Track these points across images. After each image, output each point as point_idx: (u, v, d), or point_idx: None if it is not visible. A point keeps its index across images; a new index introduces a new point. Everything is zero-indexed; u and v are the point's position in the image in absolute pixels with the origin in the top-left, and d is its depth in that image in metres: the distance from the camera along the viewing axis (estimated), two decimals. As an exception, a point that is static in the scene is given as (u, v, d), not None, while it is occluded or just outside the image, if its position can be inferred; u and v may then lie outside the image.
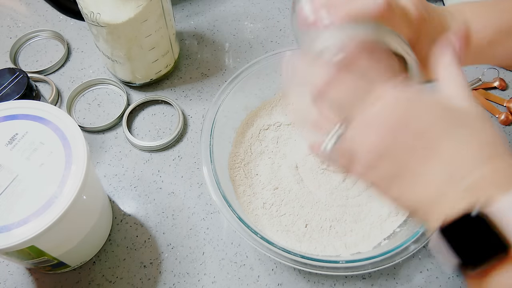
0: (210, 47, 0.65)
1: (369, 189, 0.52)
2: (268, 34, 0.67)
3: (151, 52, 0.55)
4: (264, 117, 0.56)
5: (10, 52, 0.64)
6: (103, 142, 0.57)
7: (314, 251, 0.46)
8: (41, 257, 0.40)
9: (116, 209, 0.52)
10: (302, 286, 0.47)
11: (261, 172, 0.52)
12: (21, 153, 0.39)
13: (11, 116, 0.41)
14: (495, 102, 0.60)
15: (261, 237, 0.43)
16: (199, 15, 0.69)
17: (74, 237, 0.42)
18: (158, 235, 0.50)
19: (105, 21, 0.49)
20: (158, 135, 0.57)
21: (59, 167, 0.38)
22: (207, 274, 0.48)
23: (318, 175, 0.52)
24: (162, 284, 0.47)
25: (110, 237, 0.50)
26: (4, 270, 0.48)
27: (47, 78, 0.61)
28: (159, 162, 0.55)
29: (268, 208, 0.49)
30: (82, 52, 0.65)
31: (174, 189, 0.53)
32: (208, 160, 0.47)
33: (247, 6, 0.71)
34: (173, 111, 0.59)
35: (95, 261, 0.48)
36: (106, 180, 0.54)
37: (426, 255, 0.49)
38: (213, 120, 0.50)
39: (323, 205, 0.50)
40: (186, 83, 0.62)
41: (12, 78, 0.49)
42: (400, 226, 0.48)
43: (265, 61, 0.54)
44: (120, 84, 0.60)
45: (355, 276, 0.48)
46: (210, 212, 0.52)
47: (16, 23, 0.68)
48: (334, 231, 0.48)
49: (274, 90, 0.57)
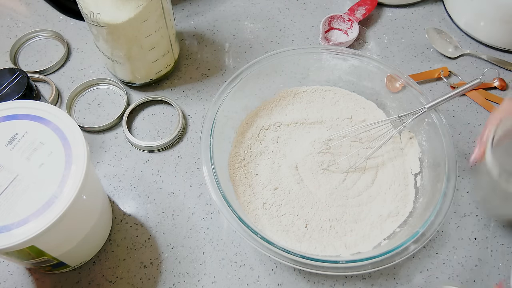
0: (210, 47, 0.66)
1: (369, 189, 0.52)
2: (268, 34, 0.67)
3: (151, 52, 0.55)
4: (264, 117, 0.56)
5: (10, 52, 0.64)
6: (103, 142, 0.57)
7: (314, 251, 0.46)
8: (41, 257, 0.40)
9: (116, 209, 0.52)
10: (302, 286, 0.47)
11: (261, 172, 0.52)
12: (21, 153, 0.39)
13: (11, 116, 0.41)
14: (495, 102, 0.60)
15: (261, 237, 0.43)
16: (199, 15, 0.69)
17: (74, 237, 0.42)
18: (158, 235, 0.50)
19: (105, 21, 0.49)
20: (158, 135, 0.57)
21: (59, 167, 0.38)
22: (207, 274, 0.48)
23: (318, 175, 0.52)
24: (162, 284, 0.47)
25: (110, 237, 0.50)
26: (4, 270, 0.48)
27: (47, 78, 0.61)
28: (159, 162, 0.55)
29: (268, 208, 0.50)
30: (82, 52, 0.65)
31: (174, 189, 0.53)
32: (208, 160, 0.47)
33: (247, 6, 0.71)
34: (173, 111, 0.59)
35: (95, 261, 0.48)
36: (106, 180, 0.54)
37: (426, 255, 0.49)
38: (213, 120, 0.50)
39: (323, 205, 0.50)
40: (186, 83, 0.62)
41: (12, 78, 0.49)
42: (400, 226, 0.48)
43: (265, 61, 0.54)
44: (120, 84, 0.60)
45: (355, 276, 0.48)
46: (210, 212, 0.52)
47: (16, 23, 0.68)
48: (334, 231, 0.48)
49: (274, 90, 0.58)
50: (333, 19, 0.67)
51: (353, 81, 0.57)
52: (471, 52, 0.65)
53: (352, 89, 0.58)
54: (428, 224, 0.43)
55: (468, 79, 0.63)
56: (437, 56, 0.66)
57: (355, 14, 0.67)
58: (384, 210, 0.49)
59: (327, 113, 0.57)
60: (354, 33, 0.65)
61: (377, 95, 0.57)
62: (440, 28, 0.67)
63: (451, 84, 0.62)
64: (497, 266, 0.49)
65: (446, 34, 0.67)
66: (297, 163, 0.53)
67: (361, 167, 0.53)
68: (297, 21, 0.69)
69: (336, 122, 0.56)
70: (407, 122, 0.50)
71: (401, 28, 0.69)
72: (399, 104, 0.55)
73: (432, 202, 0.46)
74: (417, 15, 0.70)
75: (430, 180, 0.49)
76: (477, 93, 0.61)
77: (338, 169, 0.53)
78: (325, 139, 0.54)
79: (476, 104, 0.61)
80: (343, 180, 0.52)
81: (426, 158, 0.51)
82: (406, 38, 0.68)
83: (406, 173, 0.52)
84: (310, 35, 0.68)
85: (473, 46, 0.67)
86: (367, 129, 0.55)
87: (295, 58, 0.56)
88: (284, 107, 0.57)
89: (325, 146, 0.54)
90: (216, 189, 0.45)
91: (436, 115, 0.50)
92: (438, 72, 0.63)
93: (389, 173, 0.52)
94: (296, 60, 0.56)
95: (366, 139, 0.55)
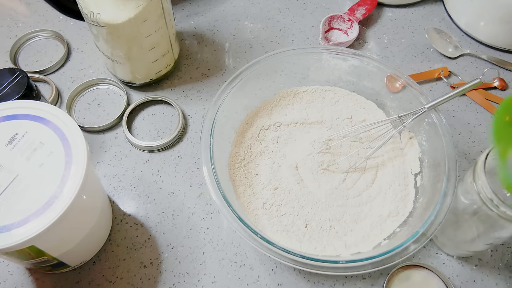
0: (210, 47, 0.65)
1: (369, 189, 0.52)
2: (268, 34, 0.67)
3: (151, 52, 0.55)
4: (264, 117, 0.56)
5: (10, 52, 0.64)
6: (103, 142, 0.57)
7: (314, 251, 0.46)
8: (41, 257, 0.40)
9: (116, 209, 0.52)
10: (302, 286, 0.47)
11: (261, 172, 0.52)
12: (21, 153, 0.39)
13: (11, 116, 0.41)
14: (495, 102, 0.60)
15: (261, 237, 0.43)
16: (199, 15, 0.69)
17: (74, 237, 0.42)
18: (158, 235, 0.50)
19: (105, 21, 0.49)
20: (158, 135, 0.57)
21: (59, 167, 0.38)
22: (207, 274, 0.48)
23: (318, 175, 0.52)
24: (162, 284, 0.47)
25: (110, 237, 0.50)
26: (4, 270, 0.48)
27: (47, 78, 0.61)
28: (159, 162, 0.55)
29: (268, 208, 0.49)
30: (82, 52, 0.65)
31: (174, 189, 0.53)
32: (208, 160, 0.47)
33: (247, 6, 0.71)
34: (173, 111, 0.59)
35: (95, 261, 0.48)
36: (106, 180, 0.54)
37: (426, 255, 0.49)
38: (213, 120, 0.49)
39: (323, 205, 0.50)
40: (186, 83, 0.62)
41: (12, 78, 0.49)
42: (400, 226, 0.48)
43: (265, 61, 0.54)
44: (120, 84, 0.60)
45: (355, 276, 0.48)
46: (210, 212, 0.52)
47: (16, 23, 0.68)
48: (334, 231, 0.48)
49: (274, 90, 0.57)
50: (333, 19, 0.67)
51: (353, 81, 0.57)
52: (471, 52, 0.65)
53: (352, 89, 0.58)
54: (428, 224, 0.43)
55: (468, 79, 0.63)
56: (437, 56, 0.66)
57: (355, 14, 0.67)
58: (384, 210, 0.49)
59: (327, 113, 0.57)
60: (354, 33, 0.65)
61: (377, 95, 0.57)
62: (440, 28, 0.67)
63: (451, 84, 0.62)
64: (497, 266, 0.49)
65: (446, 34, 0.67)
66: (297, 163, 0.53)
67: (361, 167, 0.53)
68: (297, 21, 0.69)
69: (336, 122, 0.56)
70: (407, 122, 0.50)
71: (401, 28, 0.69)
72: (399, 104, 0.55)
73: (432, 202, 0.46)
74: (417, 15, 0.70)
75: (430, 180, 0.49)
76: (477, 93, 0.61)
77: (338, 169, 0.53)
78: (325, 139, 0.54)
79: (476, 104, 0.61)
80: (343, 180, 0.52)
81: (426, 158, 0.51)
82: (406, 38, 0.68)
83: (406, 173, 0.52)
84: (310, 35, 0.68)
85: (473, 46, 0.67)
86: (367, 129, 0.55)
87: (295, 58, 0.56)
88: (284, 107, 0.57)
89: (325, 146, 0.54)
90: (216, 189, 0.45)
91: (436, 115, 0.50)
92: (438, 72, 0.63)
93: (389, 173, 0.52)
94: (296, 60, 0.56)
95: (366, 139, 0.55)
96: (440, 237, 0.49)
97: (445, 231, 0.47)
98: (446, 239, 0.48)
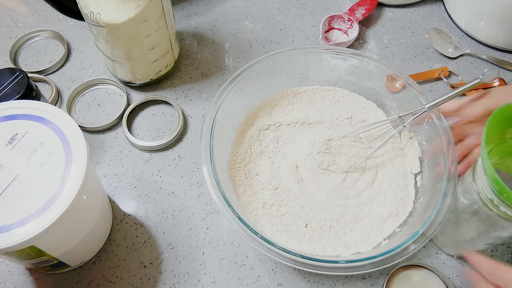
0: (210, 47, 0.65)
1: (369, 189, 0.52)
2: (268, 34, 0.67)
3: (151, 52, 0.55)
4: (264, 117, 0.56)
5: (10, 52, 0.64)
6: (103, 142, 0.57)
7: (314, 251, 0.46)
8: (41, 257, 0.40)
9: (116, 209, 0.52)
10: (302, 286, 0.47)
11: (261, 172, 0.52)
12: (21, 153, 0.39)
13: (11, 116, 0.41)
14: (495, 102, 0.60)
15: (261, 237, 0.43)
16: (199, 15, 0.69)
17: (74, 237, 0.42)
18: (158, 235, 0.50)
19: (105, 21, 0.49)
20: (158, 135, 0.57)
21: (59, 167, 0.38)
22: (207, 274, 0.48)
23: (318, 175, 0.52)
24: (162, 284, 0.47)
25: (110, 237, 0.50)
26: (4, 270, 0.48)
27: (47, 78, 0.61)
28: (159, 162, 0.55)
29: (268, 208, 0.49)
30: (82, 52, 0.65)
31: (174, 189, 0.53)
32: (208, 160, 0.47)
33: (247, 6, 0.71)
34: (173, 111, 0.59)
35: (95, 261, 0.48)
36: (106, 180, 0.54)
37: (426, 255, 0.49)
38: (213, 120, 0.49)
39: (323, 205, 0.50)
40: (186, 83, 0.62)
41: (12, 78, 0.49)
42: (400, 226, 0.48)
43: (265, 61, 0.54)
44: (120, 84, 0.60)
45: (355, 276, 0.48)
46: (210, 212, 0.52)
47: (16, 23, 0.68)
48: (334, 231, 0.48)
49: (274, 90, 0.57)
50: (333, 19, 0.67)
51: (353, 81, 0.57)
52: (471, 52, 0.65)
53: (352, 89, 0.58)
54: (428, 224, 0.43)
55: (468, 79, 0.63)
56: (437, 56, 0.66)
57: (355, 14, 0.67)
58: (384, 210, 0.49)
59: (327, 113, 0.57)
60: (354, 33, 0.65)
61: (377, 95, 0.57)
62: (440, 28, 0.67)
63: (451, 84, 0.62)
64: (497, 266, 0.48)
65: (446, 34, 0.67)
66: (297, 163, 0.53)
67: (361, 167, 0.53)
68: (297, 21, 0.69)
69: (336, 122, 0.56)
70: (407, 122, 0.50)
71: (401, 28, 0.69)
72: (399, 104, 0.55)
73: (432, 202, 0.46)
74: (417, 15, 0.70)
75: (430, 180, 0.49)
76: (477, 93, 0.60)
77: (338, 169, 0.53)
78: (325, 139, 0.54)
79: (476, 104, 0.60)
80: (343, 180, 0.52)
81: (426, 158, 0.51)
82: (406, 38, 0.68)
83: (406, 173, 0.52)
84: (310, 35, 0.68)
85: (473, 46, 0.67)
86: (367, 129, 0.55)
87: (295, 58, 0.56)
88: (284, 107, 0.57)
89: (325, 146, 0.54)
90: (216, 189, 0.45)
91: (436, 115, 0.50)
92: (438, 72, 0.63)
93: (389, 173, 0.52)
94: (296, 60, 0.56)
95: (366, 139, 0.55)
96: (440, 237, 0.49)
97: (445, 231, 0.47)
98: (446, 239, 0.48)
